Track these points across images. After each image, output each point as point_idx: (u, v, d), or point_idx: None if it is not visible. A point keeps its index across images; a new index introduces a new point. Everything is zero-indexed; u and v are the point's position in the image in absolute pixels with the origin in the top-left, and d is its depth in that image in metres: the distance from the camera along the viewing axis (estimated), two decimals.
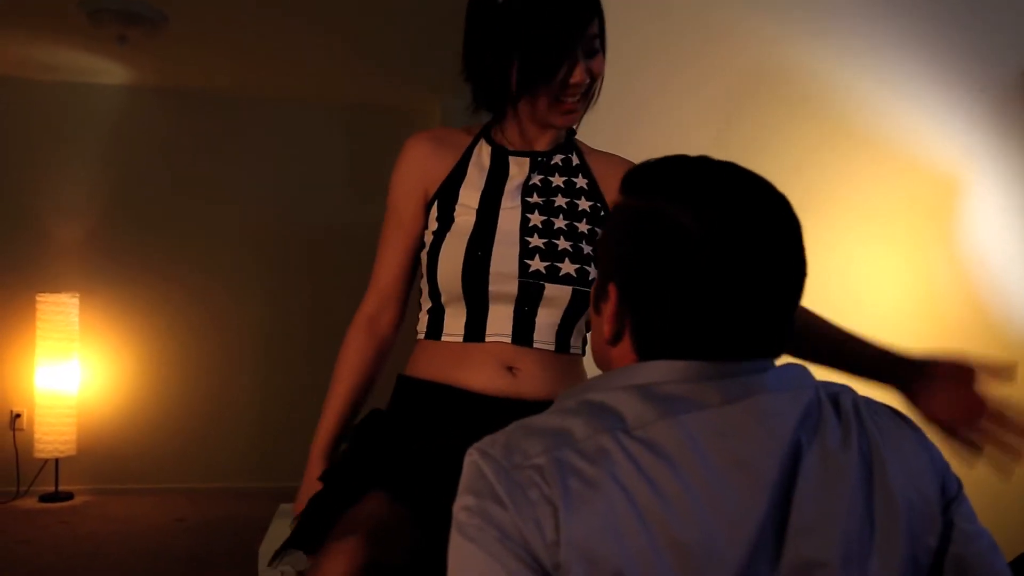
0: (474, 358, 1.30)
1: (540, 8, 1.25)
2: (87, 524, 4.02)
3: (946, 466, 0.82)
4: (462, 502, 0.73)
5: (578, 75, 1.27)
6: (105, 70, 4.55)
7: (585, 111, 1.34)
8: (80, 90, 4.73)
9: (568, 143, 1.42)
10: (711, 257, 0.76)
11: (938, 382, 1.11)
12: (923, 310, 2.19)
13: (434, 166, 1.38)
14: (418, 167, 1.39)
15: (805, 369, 0.82)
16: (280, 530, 2.76)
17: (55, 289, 4.53)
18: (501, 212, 1.32)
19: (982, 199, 2.20)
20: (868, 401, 0.83)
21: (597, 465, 0.71)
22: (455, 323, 1.32)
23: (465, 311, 1.31)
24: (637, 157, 1.37)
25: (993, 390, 1.08)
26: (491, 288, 1.29)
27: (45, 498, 4.41)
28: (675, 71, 2.13)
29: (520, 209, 1.33)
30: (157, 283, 4.77)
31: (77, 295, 4.53)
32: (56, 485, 4.43)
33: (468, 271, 1.29)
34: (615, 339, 0.83)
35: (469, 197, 1.34)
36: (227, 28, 3.97)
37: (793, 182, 2.32)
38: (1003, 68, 2.22)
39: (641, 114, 2.10)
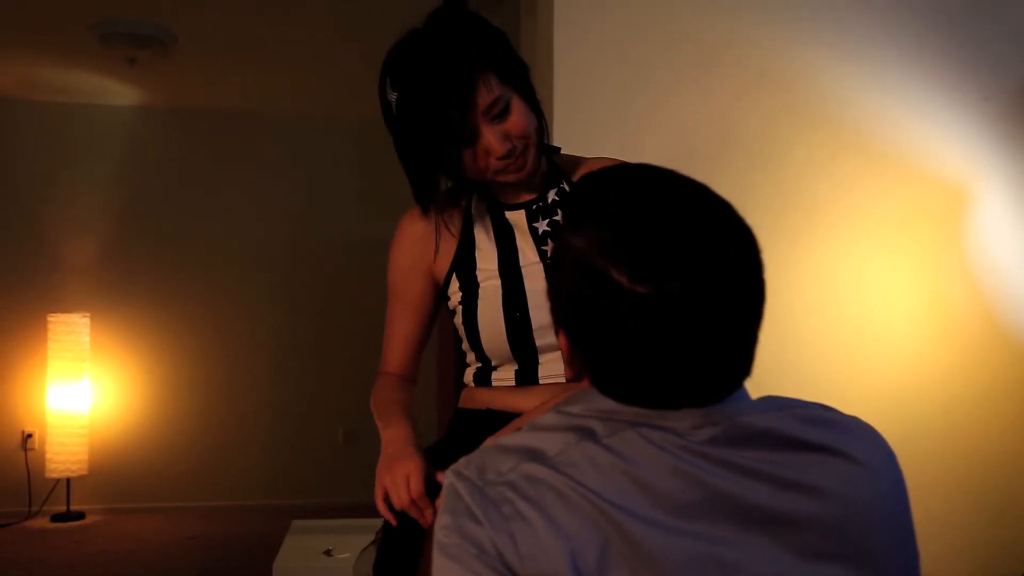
0: (528, 391, 1.30)
1: (416, 117, 1.19)
2: (99, 543, 4.02)
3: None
4: (440, 522, 0.75)
5: (493, 148, 1.20)
6: (115, 91, 4.59)
7: (537, 153, 1.26)
8: (90, 111, 4.77)
9: (555, 173, 1.34)
10: (655, 321, 0.71)
11: None
12: (933, 319, 2.19)
13: (433, 245, 1.34)
14: (415, 248, 1.35)
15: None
16: (293, 546, 2.76)
17: (66, 309, 4.55)
18: (524, 270, 1.30)
19: (989, 207, 2.20)
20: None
21: (568, 476, 0.72)
22: (506, 374, 1.33)
23: (516, 365, 1.32)
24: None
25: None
26: (539, 342, 1.28)
27: (57, 518, 4.41)
28: (681, 80, 2.13)
29: (541, 262, 1.30)
30: (168, 302, 4.79)
31: (88, 315, 4.55)
32: (68, 505, 4.44)
33: (512, 333, 1.28)
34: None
35: (486, 260, 1.32)
36: (236, 47, 4.01)
37: (800, 192, 2.34)
38: (1007, 76, 2.22)
39: (646, 123, 2.10)
